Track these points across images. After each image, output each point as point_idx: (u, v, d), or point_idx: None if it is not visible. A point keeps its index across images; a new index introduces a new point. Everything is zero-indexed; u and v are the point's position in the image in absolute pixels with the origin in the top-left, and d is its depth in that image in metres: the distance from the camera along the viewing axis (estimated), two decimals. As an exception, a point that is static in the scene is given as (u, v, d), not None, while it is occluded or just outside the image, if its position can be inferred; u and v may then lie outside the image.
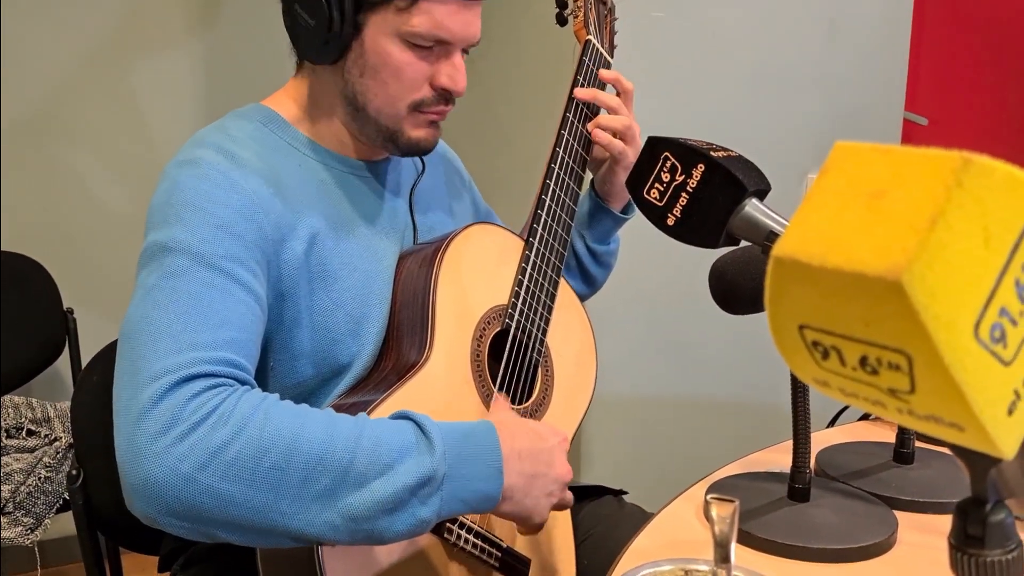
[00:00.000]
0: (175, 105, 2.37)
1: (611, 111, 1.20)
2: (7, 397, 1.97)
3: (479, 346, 1.04)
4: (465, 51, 1.04)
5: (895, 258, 0.35)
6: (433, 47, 0.99)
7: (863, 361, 0.38)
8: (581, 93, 1.17)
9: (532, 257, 1.09)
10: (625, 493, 1.27)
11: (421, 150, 1.05)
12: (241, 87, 1.01)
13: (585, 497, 1.24)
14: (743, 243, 0.96)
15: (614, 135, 1.18)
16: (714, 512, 0.49)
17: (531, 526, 0.93)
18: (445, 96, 1.03)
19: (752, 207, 0.93)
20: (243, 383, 0.85)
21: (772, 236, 0.90)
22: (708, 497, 0.48)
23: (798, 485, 0.95)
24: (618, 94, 1.21)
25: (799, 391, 0.94)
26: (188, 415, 0.78)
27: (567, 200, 1.13)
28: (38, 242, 2.18)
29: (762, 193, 0.95)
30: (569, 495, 0.96)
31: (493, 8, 1.07)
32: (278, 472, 0.78)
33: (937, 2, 2.35)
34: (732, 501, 0.47)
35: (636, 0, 1.66)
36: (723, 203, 0.93)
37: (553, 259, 1.11)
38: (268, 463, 0.78)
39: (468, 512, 0.87)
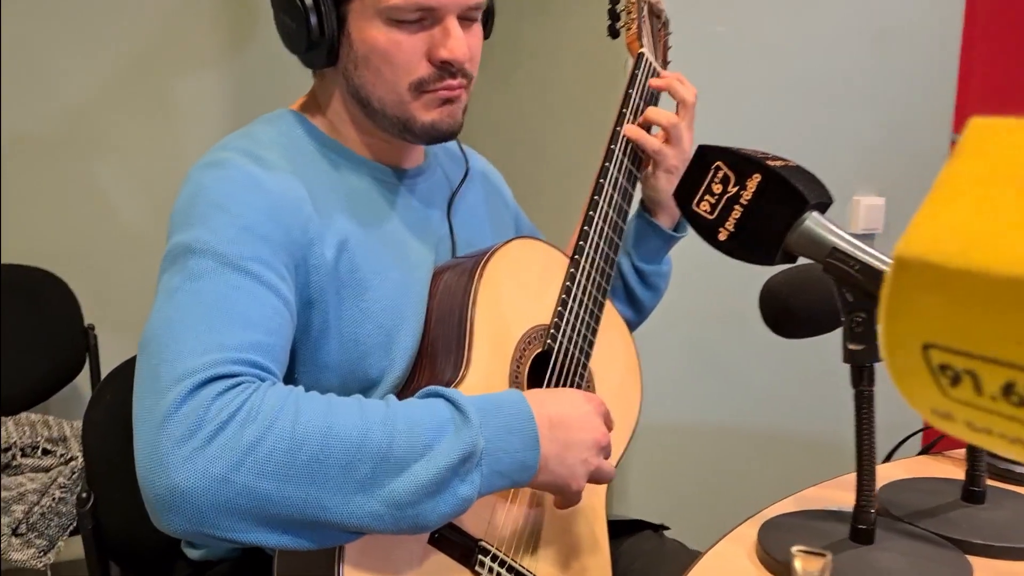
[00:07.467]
0: (202, 123, 2.36)
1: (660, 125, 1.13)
2: (24, 415, 1.93)
3: (518, 367, 0.98)
4: (470, 20, 0.97)
5: (1062, 258, 0.27)
6: (421, 19, 0.93)
7: (1008, 389, 0.31)
8: (630, 132, 1.11)
9: (577, 276, 1.02)
10: (667, 529, 1.20)
11: (441, 133, 0.98)
12: (269, 106, 0.99)
13: (624, 532, 1.18)
14: (800, 260, 0.90)
15: (648, 131, 1.12)
16: (798, 566, 0.41)
17: (568, 496, 0.89)
18: (449, 71, 0.95)
19: (813, 221, 0.86)
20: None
21: (836, 253, 0.83)
22: (794, 550, 0.41)
23: (862, 526, 0.87)
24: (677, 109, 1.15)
25: (864, 420, 0.86)
26: (213, 416, 0.73)
27: (615, 217, 1.07)
28: (59, 257, 2.15)
29: (824, 206, 0.89)
30: (608, 465, 0.91)
31: (528, 18, 1.02)
32: (316, 464, 0.74)
33: (989, 12, 2.27)
34: (823, 555, 0.40)
35: (694, 14, 1.61)
36: (781, 217, 0.87)
37: (599, 279, 1.04)
38: (305, 456, 0.74)
39: (507, 486, 0.83)
